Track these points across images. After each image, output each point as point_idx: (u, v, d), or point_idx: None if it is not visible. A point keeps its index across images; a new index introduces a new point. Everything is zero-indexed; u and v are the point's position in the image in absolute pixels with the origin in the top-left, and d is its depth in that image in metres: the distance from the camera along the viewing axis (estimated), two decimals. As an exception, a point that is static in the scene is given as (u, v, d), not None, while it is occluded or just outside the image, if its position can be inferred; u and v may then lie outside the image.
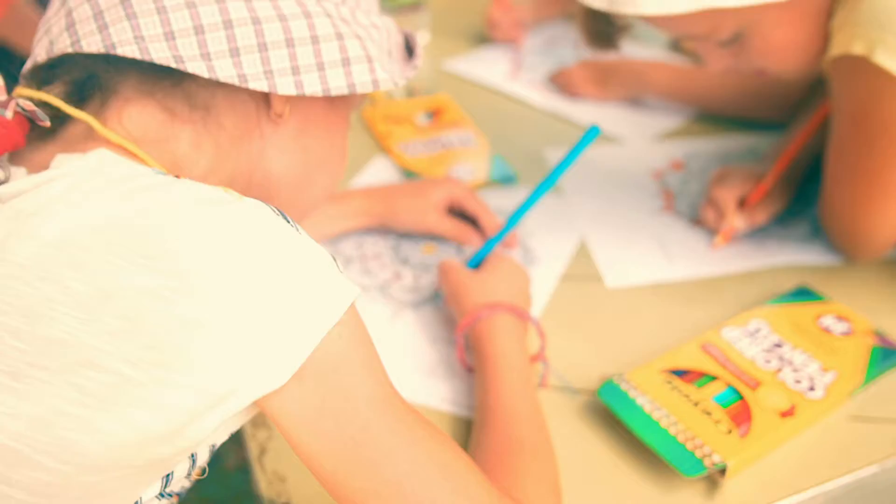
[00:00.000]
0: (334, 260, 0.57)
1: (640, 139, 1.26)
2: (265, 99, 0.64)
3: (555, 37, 1.56)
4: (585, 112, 1.32)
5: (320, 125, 0.68)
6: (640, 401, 0.78)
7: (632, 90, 1.33)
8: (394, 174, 1.17)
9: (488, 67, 1.47)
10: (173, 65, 0.57)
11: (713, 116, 1.30)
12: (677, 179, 1.16)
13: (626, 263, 1.00)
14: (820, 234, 1.03)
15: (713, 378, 0.81)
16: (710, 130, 1.28)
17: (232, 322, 0.51)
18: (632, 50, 1.44)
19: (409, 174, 1.15)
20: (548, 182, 0.87)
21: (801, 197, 1.07)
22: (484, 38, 1.55)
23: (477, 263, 0.90)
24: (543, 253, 1.01)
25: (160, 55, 0.57)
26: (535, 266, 0.99)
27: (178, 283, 0.50)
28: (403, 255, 0.99)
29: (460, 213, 1.02)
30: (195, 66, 0.57)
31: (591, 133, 0.84)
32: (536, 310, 0.93)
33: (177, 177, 0.56)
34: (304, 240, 0.55)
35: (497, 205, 1.06)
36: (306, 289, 0.53)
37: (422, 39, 1.49)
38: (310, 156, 0.69)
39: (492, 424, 0.72)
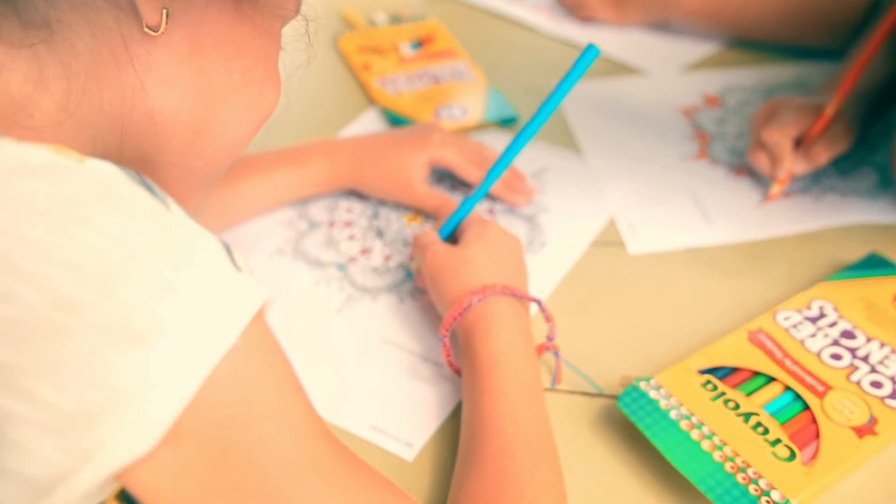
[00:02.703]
0: (228, 251, 0.39)
1: (666, 70, 1.06)
2: (130, 4, 0.44)
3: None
4: (600, 39, 1.11)
5: (225, 39, 0.48)
6: (674, 414, 0.60)
7: (655, 12, 1.13)
8: (386, 125, 0.97)
9: (487, -12, 1.26)
10: None
11: (751, 43, 1.10)
12: (712, 118, 0.96)
13: (652, 225, 0.81)
14: (891, 184, 0.84)
15: (767, 379, 0.63)
16: (749, 59, 1.08)
17: (57, 359, 0.34)
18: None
19: (389, 115, 0.96)
20: (535, 122, 0.67)
21: (865, 140, 0.88)
22: (483, -47, 1.34)
23: (450, 231, 0.71)
24: (551, 219, 0.82)
25: None
26: (546, 234, 0.80)
27: None
28: (380, 226, 0.80)
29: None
30: None
31: (588, 54, 0.63)
32: (544, 289, 0.74)
33: None
34: (178, 222, 0.37)
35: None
36: (176, 302, 0.35)
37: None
38: (212, 84, 0.48)
39: (481, 456, 0.54)
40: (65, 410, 0.34)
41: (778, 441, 0.58)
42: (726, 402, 0.61)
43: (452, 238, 0.71)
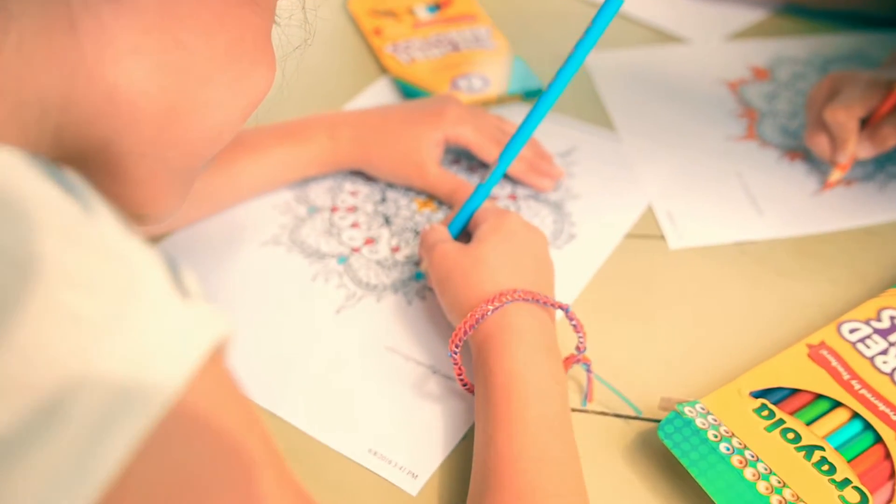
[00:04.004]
0: (173, 270, 0.30)
1: (709, 39, 0.96)
2: None
3: None
4: (637, 3, 1.01)
5: (205, 6, 0.40)
6: (724, 447, 0.51)
7: (698, -26, 1.02)
8: (398, 97, 0.88)
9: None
10: None
11: (802, 9, 0.99)
12: (761, 93, 0.86)
13: (695, 215, 0.72)
14: (967, 174, 0.74)
15: (831, 404, 0.54)
16: (800, 28, 0.97)
17: None
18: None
19: (402, 86, 0.86)
20: (554, 89, 0.57)
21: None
22: None
23: (463, 225, 0.62)
24: (580, 206, 0.73)
25: None
26: (575, 225, 0.71)
27: None
28: (388, 212, 0.71)
29: None
30: None
31: (611, 6, 0.53)
32: (572, 289, 0.65)
33: None
34: (101, 232, 0.28)
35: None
36: (92, 347, 0.26)
37: None
38: (188, 58, 0.40)
39: (496, 502, 0.46)
40: None
41: (847, 482, 0.49)
42: (784, 432, 0.52)
43: (465, 233, 0.62)
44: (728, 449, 0.51)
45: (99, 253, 0.28)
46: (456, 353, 0.54)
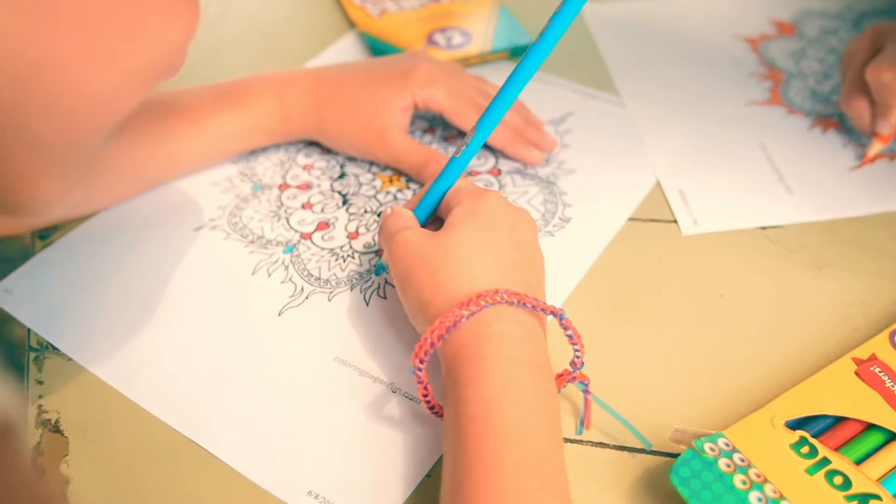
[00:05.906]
0: None
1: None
2: None
3: None
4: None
5: None
6: (756, 497, 0.40)
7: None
8: (366, 54, 0.76)
9: None
10: None
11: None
12: (786, 51, 0.75)
13: (712, 194, 0.61)
14: None
15: (886, 437, 0.44)
16: (829, -24, 0.86)
17: None
18: None
19: (371, 41, 0.75)
20: (544, 44, 0.47)
21: None
22: None
23: (432, 208, 0.51)
24: (576, 183, 0.62)
25: None
26: (570, 206, 0.60)
27: None
28: (346, 189, 0.60)
29: None
30: None
31: None
32: (565, 285, 0.54)
33: None
34: None
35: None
36: None
37: None
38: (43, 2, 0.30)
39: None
40: None
41: (909, 542, 0.39)
42: (830, 475, 0.41)
43: (436, 218, 0.51)
44: (760, 500, 0.40)
45: None
46: (421, 370, 0.43)
